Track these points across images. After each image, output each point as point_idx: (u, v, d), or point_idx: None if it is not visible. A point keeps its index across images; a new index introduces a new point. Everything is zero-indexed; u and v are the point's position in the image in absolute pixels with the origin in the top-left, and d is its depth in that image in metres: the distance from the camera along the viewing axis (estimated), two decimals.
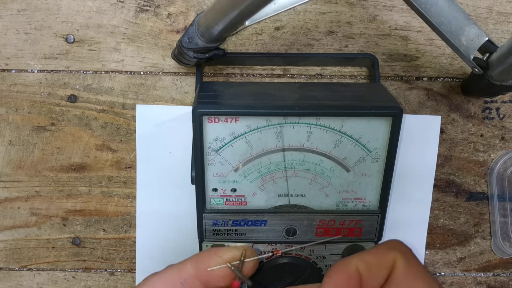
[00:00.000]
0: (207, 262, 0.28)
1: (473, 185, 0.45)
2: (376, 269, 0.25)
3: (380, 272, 0.25)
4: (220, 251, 0.28)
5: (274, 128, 0.35)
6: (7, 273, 0.47)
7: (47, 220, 0.46)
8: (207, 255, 0.28)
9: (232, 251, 0.28)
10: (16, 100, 0.43)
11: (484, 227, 0.46)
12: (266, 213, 0.38)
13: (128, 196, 0.45)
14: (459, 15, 0.34)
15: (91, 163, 0.44)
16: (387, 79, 0.43)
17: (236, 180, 0.37)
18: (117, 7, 0.41)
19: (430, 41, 0.42)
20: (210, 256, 0.28)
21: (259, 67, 0.43)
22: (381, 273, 0.25)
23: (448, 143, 0.44)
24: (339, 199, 0.38)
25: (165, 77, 0.43)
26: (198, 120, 0.34)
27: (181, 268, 0.28)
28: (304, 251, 0.39)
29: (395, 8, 0.42)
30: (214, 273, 0.27)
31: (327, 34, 0.42)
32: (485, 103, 0.44)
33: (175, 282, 0.27)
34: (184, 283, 0.27)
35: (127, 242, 0.46)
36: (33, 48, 0.42)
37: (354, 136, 0.36)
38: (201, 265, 0.28)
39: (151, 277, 0.28)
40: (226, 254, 0.28)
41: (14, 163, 0.44)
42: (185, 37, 0.36)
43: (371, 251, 0.26)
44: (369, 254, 0.25)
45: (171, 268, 0.28)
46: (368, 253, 0.25)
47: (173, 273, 0.28)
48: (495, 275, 0.48)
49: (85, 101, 0.43)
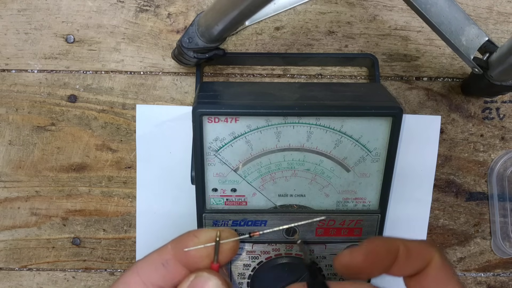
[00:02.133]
0: (185, 243, 0.28)
1: (473, 185, 0.45)
2: (414, 257, 0.26)
3: (417, 262, 0.26)
4: (197, 232, 0.28)
5: (274, 128, 0.35)
6: (7, 273, 0.47)
7: (47, 220, 0.46)
8: (185, 236, 0.28)
9: (209, 232, 0.28)
10: (16, 100, 0.43)
11: (484, 227, 0.46)
12: (266, 213, 0.38)
13: (128, 196, 0.45)
14: (459, 15, 0.34)
15: (91, 163, 0.44)
16: (387, 79, 0.43)
17: (236, 180, 0.37)
18: (117, 7, 0.41)
19: (430, 41, 0.42)
20: (189, 237, 0.28)
21: (259, 67, 0.43)
22: (417, 263, 0.26)
23: (448, 143, 0.44)
24: (339, 199, 0.38)
25: (165, 77, 0.43)
26: (198, 120, 0.34)
27: (162, 249, 0.28)
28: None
29: (395, 8, 0.42)
30: (191, 254, 0.28)
31: (327, 34, 0.42)
32: (485, 103, 0.44)
33: (156, 263, 0.28)
34: (165, 264, 0.28)
35: (127, 242, 0.46)
36: (33, 48, 0.42)
37: (354, 136, 0.36)
38: (180, 245, 0.28)
39: (136, 263, 0.29)
40: (202, 235, 0.28)
41: (14, 163, 0.44)
42: (185, 37, 0.36)
43: (414, 241, 0.27)
44: (413, 242, 0.27)
45: (154, 251, 0.29)
46: (412, 241, 0.27)
47: (155, 255, 0.28)
48: (495, 275, 0.48)
49: (85, 101, 0.43)
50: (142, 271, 0.28)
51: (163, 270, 0.28)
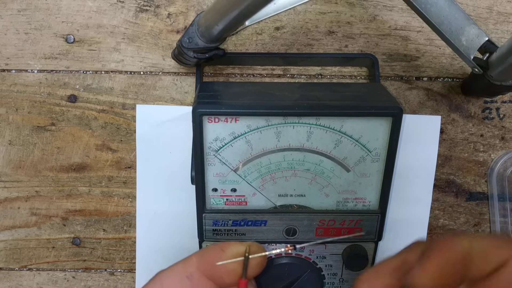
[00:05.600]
0: (211, 256, 0.27)
1: (473, 185, 0.45)
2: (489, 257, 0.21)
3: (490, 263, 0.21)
4: (224, 245, 0.28)
5: (274, 128, 0.35)
6: (7, 273, 0.47)
7: (47, 220, 0.46)
8: (211, 249, 0.28)
9: (237, 247, 0.28)
10: (16, 100, 0.43)
11: (484, 227, 0.46)
12: (266, 213, 0.38)
13: (128, 196, 0.45)
14: (459, 15, 0.34)
15: (91, 163, 0.44)
16: (387, 79, 0.43)
17: (236, 180, 0.37)
18: (117, 7, 0.41)
19: (430, 41, 0.42)
20: (215, 250, 0.28)
21: (259, 67, 0.43)
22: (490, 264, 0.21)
23: (448, 143, 0.44)
24: (339, 199, 0.38)
25: (165, 77, 0.43)
26: (198, 120, 0.34)
27: (186, 262, 0.28)
28: (304, 251, 0.39)
29: (395, 8, 0.42)
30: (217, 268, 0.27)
31: (327, 34, 0.42)
32: (485, 103, 0.44)
33: (181, 276, 0.27)
34: (190, 277, 0.27)
35: (127, 242, 0.46)
36: (33, 48, 0.42)
37: (354, 136, 0.36)
38: (205, 259, 0.27)
39: (159, 273, 0.28)
40: (230, 249, 0.27)
41: (14, 163, 0.44)
42: (185, 37, 0.36)
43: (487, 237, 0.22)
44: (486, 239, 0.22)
45: (178, 263, 0.28)
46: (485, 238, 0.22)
47: (179, 267, 0.28)
48: None
49: (85, 101, 0.43)
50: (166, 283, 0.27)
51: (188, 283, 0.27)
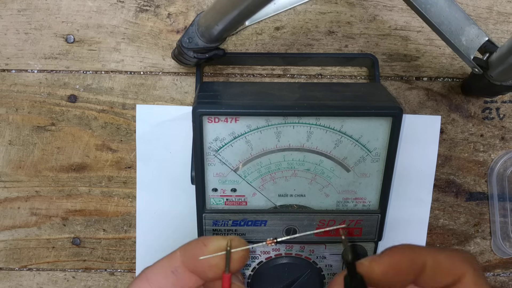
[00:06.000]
0: (194, 251, 0.27)
1: (473, 185, 0.45)
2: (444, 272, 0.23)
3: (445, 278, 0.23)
4: (206, 240, 0.28)
5: (274, 128, 0.35)
6: (7, 273, 0.47)
7: (47, 220, 0.46)
8: (194, 243, 0.28)
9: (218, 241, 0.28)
10: (16, 100, 0.43)
11: (484, 227, 0.46)
12: (266, 213, 0.38)
13: (128, 196, 0.45)
14: (459, 15, 0.34)
15: (91, 163, 0.44)
16: (387, 79, 0.43)
17: (236, 180, 0.37)
18: (117, 7, 0.41)
19: (430, 41, 0.42)
20: (197, 245, 0.28)
21: (259, 67, 0.43)
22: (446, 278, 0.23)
23: (448, 143, 0.44)
24: (339, 199, 0.38)
25: (165, 77, 0.43)
26: (198, 120, 0.34)
27: (171, 256, 0.28)
28: (304, 251, 0.39)
29: (395, 8, 0.42)
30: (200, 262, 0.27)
31: (327, 34, 0.42)
32: (485, 103, 0.44)
33: (166, 270, 0.28)
34: (175, 271, 0.27)
35: (127, 242, 0.46)
36: (33, 48, 0.42)
37: (354, 136, 0.36)
38: (188, 253, 0.28)
39: (145, 269, 0.28)
40: (211, 244, 0.28)
41: (14, 163, 0.44)
42: (185, 37, 0.36)
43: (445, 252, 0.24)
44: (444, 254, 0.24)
45: (163, 258, 0.28)
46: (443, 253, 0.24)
47: (164, 262, 0.28)
48: (495, 275, 0.48)
49: (85, 101, 0.43)
50: (152, 279, 0.28)
51: (173, 278, 0.27)
